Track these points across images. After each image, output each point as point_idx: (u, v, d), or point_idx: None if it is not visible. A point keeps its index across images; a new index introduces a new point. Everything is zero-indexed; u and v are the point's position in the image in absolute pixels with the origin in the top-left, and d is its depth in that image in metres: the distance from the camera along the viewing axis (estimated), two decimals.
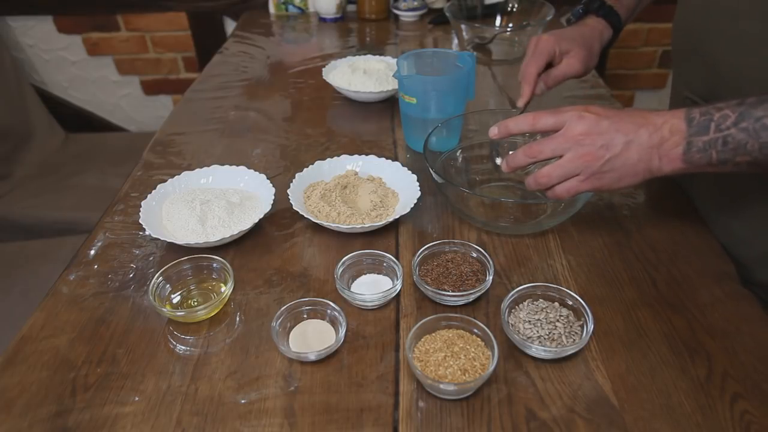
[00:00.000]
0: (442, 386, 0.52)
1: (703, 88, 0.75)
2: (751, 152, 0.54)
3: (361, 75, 1.07)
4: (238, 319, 0.63)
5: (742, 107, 0.54)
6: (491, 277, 0.64)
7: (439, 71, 0.90)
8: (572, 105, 0.62)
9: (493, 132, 0.66)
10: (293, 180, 0.79)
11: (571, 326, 0.58)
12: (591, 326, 0.58)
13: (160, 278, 0.65)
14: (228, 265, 0.65)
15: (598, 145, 0.59)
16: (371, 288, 0.66)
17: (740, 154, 0.55)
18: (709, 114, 0.56)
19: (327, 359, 0.58)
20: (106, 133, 2.03)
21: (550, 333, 0.57)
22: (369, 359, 0.58)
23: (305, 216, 0.73)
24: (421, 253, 0.67)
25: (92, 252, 0.73)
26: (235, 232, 0.70)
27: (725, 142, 0.55)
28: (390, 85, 1.06)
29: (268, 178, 0.80)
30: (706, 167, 0.57)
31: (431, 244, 0.68)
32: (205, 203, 0.74)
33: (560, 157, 0.61)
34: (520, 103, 0.81)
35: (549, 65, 0.82)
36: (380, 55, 1.19)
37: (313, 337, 0.60)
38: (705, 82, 0.74)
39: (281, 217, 0.78)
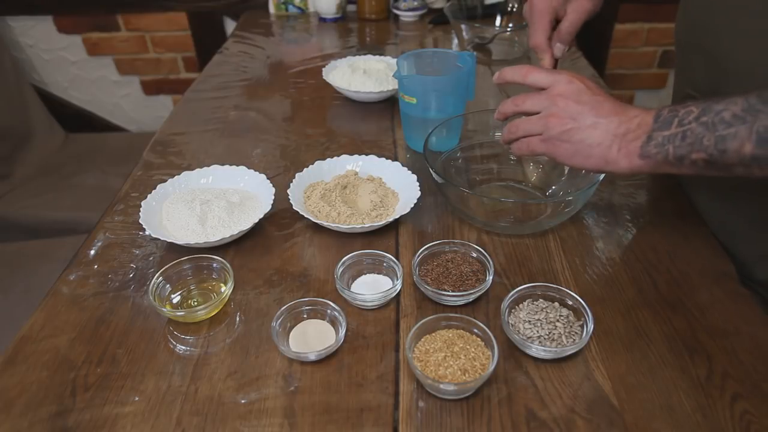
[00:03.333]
0: (442, 386, 0.52)
1: (706, 85, 0.75)
2: (707, 148, 0.53)
3: (361, 75, 1.07)
4: (238, 319, 0.63)
5: (707, 103, 0.54)
6: (491, 277, 0.64)
7: (439, 71, 0.90)
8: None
9: (495, 77, 0.68)
10: (293, 180, 0.79)
11: (571, 326, 0.59)
12: (591, 326, 0.58)
13: (160, 278, 0.65)
14: (228, 265, 0.65)
15: (569, 112, 0.60)
16: (371, 288, 0.66)
17: (696, 149, 0.54)
18: (675, 111, 0.56)
19: (327, 359, 0.58)
20: (106, 133, 2.03)
21: (550, 333, 0.57)
22: (369, 359, 0.58)
23: (305, 216, 0.73)
24: (421, 253, 0.67)
25: (92, 252, 0.73)
26: (235, 232, 0.70)
27: (684, 137, 0.54)
28: (390, 85, 1.06)
29: (268, 178, 0.80)
30: (663, 165, 0.56)
31: (431, 244, 0.68)
32: (205, 203, 0.74)
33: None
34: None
35: (556, 23, 0.79)
36: (380, 55, 1.19)
37: (313, 337, 0.60)
38: (708, 78, 0.74)
39: (281, 217, 0.78)
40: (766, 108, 0.50)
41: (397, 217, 0.73)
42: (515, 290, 0.62)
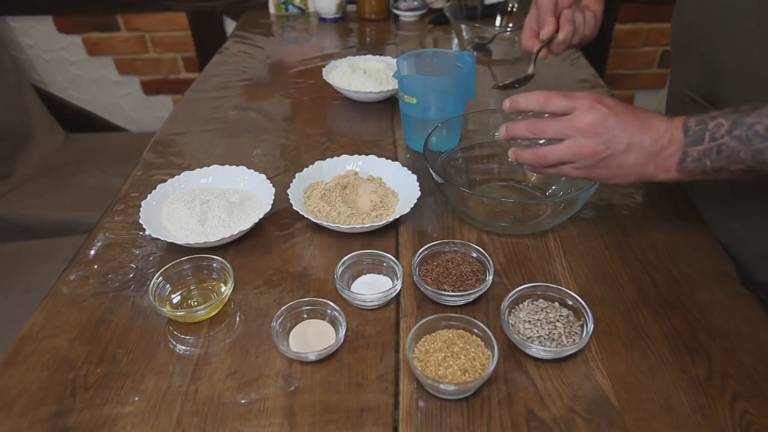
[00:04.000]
0: (442, 386, 0.52)
1: (702, 86, 0.75)
2: (744, 160, 0.55)
3: (361, 75, 1.07)
4: (238, 319, 0.63)
5: (735, 115, 0.55)
6: (491, 277, 0.64)
7: (439, 71, 0.90)
8: (584, 91, 0.62)
9: (506, 105, 0.65)
10: (293, 180, 0.79)
11: (571, 326, 0.58)
12: (591, 326, 0.58)
13: (160, 278, 0.65)
14: (228, 265, 0.65)
15: (601, 141, 0.59)
16: (371, 288, 0.66)
17: (734, 162, 0.55)
18: (703, 123, 0.56)
19: (327, 359, 0.58)
20: (106, 133, 2.03)
21: (550, 333, 0.57)
22: (369, 359, 0.58)
23: (305, 216, 0.73)
24: (421, 253, 0.67)
25: (92, 252, 0.73)
26: (235, 232, 0.70)
27: (719, 151, 0.55)
28: (390, 85, 1.06)
29: (268, 178, 0.80)
30: (700, 176, 0.58)
31: (431, 244, 0.68)
32: (205, 203, 0.74)
33: (559, 140, 0.61)
34: (543, 35, 0.79)
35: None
36: (380, 55, 1.19)
37: (313, 337, 0.60)
38: (704, 79, 0.74)
39: (281, 217, 0.78)
40: None
41: (397, 217, 0.73)
42: (515, 290, 0.62)
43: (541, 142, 0.65)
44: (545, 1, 0.78)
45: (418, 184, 0.78)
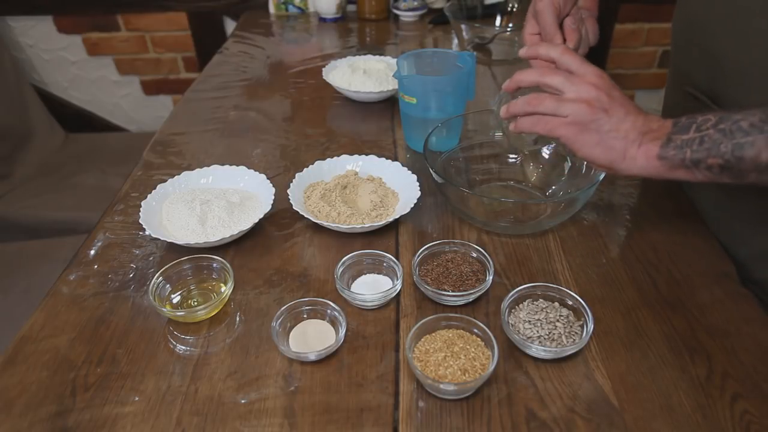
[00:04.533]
0: (442, 386, 0.52)
1: (705, 82, 0.75)
2: (723, 154, 0.55)
3: (361, 75, 1.07)
4: (238, 319, 0.63)
5: (724, 112, 0.56)
6: (491, 277, 0.64)
7: (439, 71, 0.90)
8: None
9: (505, 85, 0.66)
10: (293, 180, 0.79)
11: (571, 326, 0.58)
12: (591, 326, 0.58)
13: (160, 278, 0.65)
14: (228, 265, 0.65)
15: (602, 102, 0.60)
16: (371, 288, 0.66)
17: (713, 155, 0.56)
18: (693, 118, 0.58)
19: (327, 359, 0.58)
20: (106, 133, 2.03)
21: (550, 333, 0.57)
22: (369, 359, 0.58)
23: (305, 216, 0.73)
24: (421, 253, 0.67)
25: (92, 252, 0.73)
26: (235, 232, 0.70)
27: (701, 141, 0.56)
28: (390, 85, 1.06)
29: (268, 178, 0.80)
30: (678, 168, 0.58)
31: (431, 244, 0.68)
32: (205, 203, 0.74)
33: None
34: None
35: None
36: (380, 55, 1.19)
37: (313, 337, 0.60)
38: (706, 75, 0.74)
39: (281, 217, 0.78)
40: None
41: (397, 217, 0.73)
42: (515, 290, 0.62)
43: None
44: (547, 15, 0.75)
45: (418, 184, 0.78)
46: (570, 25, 0.76)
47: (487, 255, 0.66)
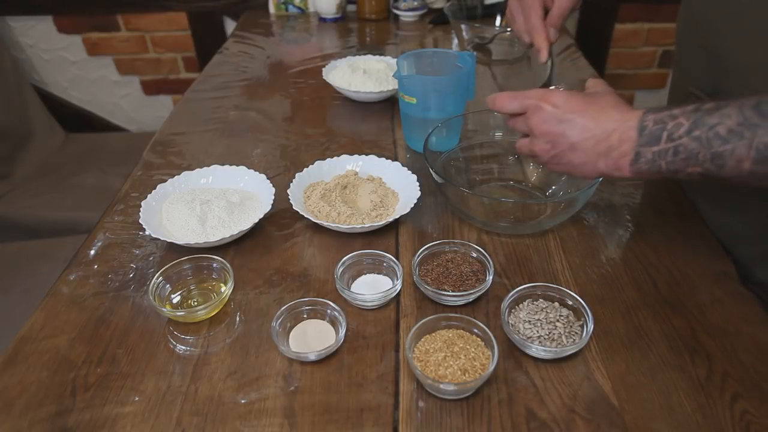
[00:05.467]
0: (442, 386, 0.52)
1: (708, 82, 0.74)
2: (702, 163, 0.52)
3: (361, 75, 1.07)
4: (238, 319, 0.63)
5: (697, 114, 0.52)
6: (491, 277, 0.64)
7: (439, 71, 0.90)
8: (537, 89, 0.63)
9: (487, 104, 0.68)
10: (293, 180, 0.79)
11: (571, 326, 0.58)
12: (591, 326, 0.58)
13: (160, 278, 0.65)
14: (228, 265, 0.65)
15: (547, 140, 0.61)
16: (371, 288, 0.66)
17: (691, 164, 0.52)
18: (662, 122, 0.53)
19: (327, 359, 0.58)
20: (106, 133, 2.03)
21: (550, 333, 0.57)
22: (369, 359, 0.58)
23: (305, 216, 0.73)
24: (421, 253, 0.67)
25: (92, 252, 0.73)
26: (235, 232, 0.70)
27: (676, 152, 0.53)
28: (390, 85, 1.06)
29: (268, 178, 0.80)
30: (656, 176, 0.56)
31: (431, 244, 0.68)
32: (205, 203, 0.74)
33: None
34: (543, 58, 0.80)
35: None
36: (380, 55, 1.19)
37: (313, 337, 0.60)
38: (710, 76, 0.74)
39: (281, 217, 0.78)
40: (764, 122, 0.48)
41: (397, 217, 0.73)
42: (515, 290, 0.62)
43: None
44: (537, 25, 0.79)
45: (418, 184, 0.78)
46: (554, 22, 0.80)
47: (487, 255, 0.66)
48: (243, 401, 0.54)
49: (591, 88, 0.64)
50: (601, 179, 0.69)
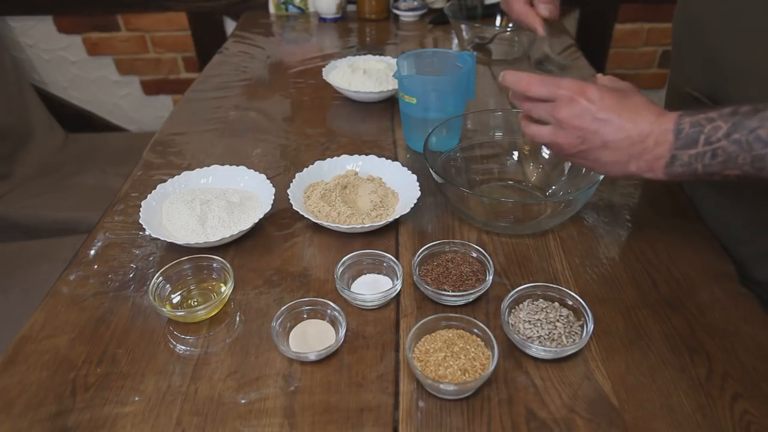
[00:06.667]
0: (442, 386, 0.52)
1: (705, 83, 0.74)
2: (741, 166, 0.51)
3: (361, 75, 1.07)
4: (238, 319, 0.63)
5: (736, 117, 0.51)
6: (491, 277, 0.64)
7: (439, 71, 0.90)
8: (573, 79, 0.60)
9: (500, 77, 0.65)
10: (293, 180, 0.79)
11: (571, 326, 0.58)
12: (591, 326, 0.58)
13: (160, 278, 0.65)
14: (228, 265, 0.65)
15: (577, 135, 0.58)
16: (371, 288, 0.66)
17: (729, 167, 0.52)
18: (699, 125, 0.53)
19: (327, 359, 0.58)
20: (106, 133, 2.03)
21: (550, 333, 0.57)
22: (369, 359, 0.58)
23: (305, 216, 0.73)
24: (421, 253, 0.67)
25: (92, 252, 0.73)
26: (235, 232, 0.70)
27: (714, 155, 0.52)
28: (390, 85, 1.06)
29: (268, 178, 0.80)
30: (690, 178, 0.55)
31: (431, 244, 0.68)
32: (205, 203, 0.74)
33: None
34: (541, 32, 0.80)
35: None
36: (380, 55, 1.19)
37: (313, 337, 0.60)
38: (707, 76, 0.74)
39: (281, 217, 0.78)
40: None
41: (397, 217, 0.73)
42: (515, 290, 0.62)
43: None
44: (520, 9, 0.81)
45: (418, 184, 0.78)
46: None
47: (487, 255, 0.66)
48: (243, 401, 0.54)
49: (609, 84, 0.61)
50: (601, 178, 0.69)
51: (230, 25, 1.85)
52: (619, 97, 0.57)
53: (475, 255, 0.68)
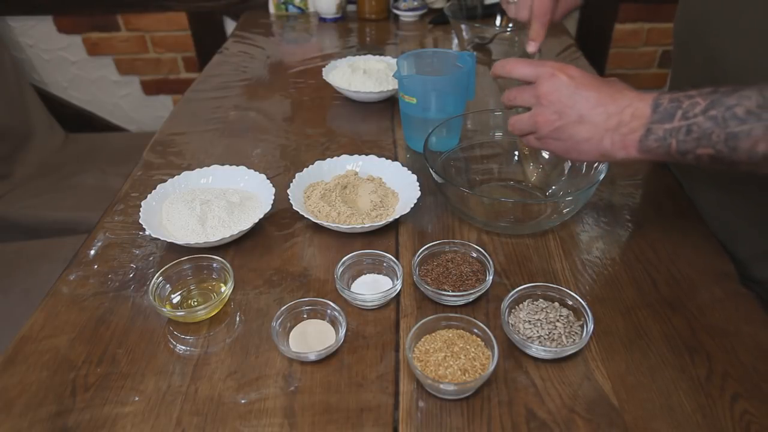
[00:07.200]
0: (442, 386, 0.52)
1: (706, 83, 0.74)
2: (715, 144, 0.50)
3: (361, 75, 1.07)
4: (238, 319, 0.63)
5: (715, 95, 0.51)
6: (491, 277, 0.64)
7: (439, 71, 0.90)
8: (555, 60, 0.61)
9: (491, 71, 0.66)
10: (293, 180, 0.79)
11: (571, 326, 0.58)
12: (591, 326, 0.58)
13: (160, 278, 0.65)
14: (228, 265, 0.65)
15: (554, 109, 0.58)
16: (371, 288, 0.66)
17: (703, 145, 0.51)
18: (678, 101, 0.52)
19: (327, 359, 0.58)
20: (106, 133, 2.03)
21: (550, 333, 0.57)
22: (369, 359, 0.58)
23: (305, 216, 0.73)
24: (421, 253, 0.67)
25: (92, 252, 0.73)
26: (235, 232, 0.70)
27: (689, 131, 0.51)
28: (390, 85, 1.06)
29: (268, 178, 0.80)
30: (662, 157, 0.54)
31: (431, 244, 0.68)
32: (205, 203, 0.74)
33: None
34: (532, 49, 0.77)
35: None
36: (380, 55, 1.19)
37: (313, 337, 0.60)
38: (708, 76, 0.74)
39: (281, 217, 0.78)
40: None
41: (397, 217, 0.73)
42: (515, 290, 0.62)
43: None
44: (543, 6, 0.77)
45: (418, 184, 0.78)
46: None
47: (487, 255, 0.66)
48: (243, 401, 0.54)
49: None
50: (601, 178, 0.69)
51: (230, 25, 1.85)
52: (600, 79, 0.59)
53: (475, 255, 0.68)
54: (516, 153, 0.85)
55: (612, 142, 0.56)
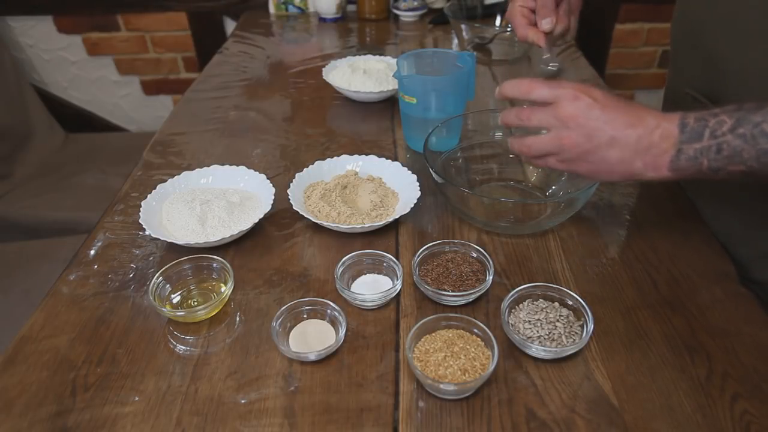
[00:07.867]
0: (442, 386, 0.52)
1: (704, 84, 0.74)
2: (746, 161, 0.51)
3: (361, 75, 1.07)
4: (238, 319, 0.63)
5: (740, 112, 0.51)
6: (491, 277, 0.64)
7: (439, 71, 0.90)
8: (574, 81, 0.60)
9: (496, 92, 0.65)
10: (293, 180, 0.79)
11: (571, 326, 0.58)
12: (591, 326, 0.58)
13: (160, 278, 0.65)
14: (228, 265, 0.65)
15: (582, 132, 0.57)
16: (371, 288, 0.66)
17: (734, 162, 0.52)
18: (704, 120, 0.53)
19: (327, 359, 0.58)
20: (106, 133, 2.03)
21: (550, 333, 0.57)
22: (369, 359, 0.58)
23: (305, 216, 0.73)
24: (421, 253, 0.67)
25: (92, 252, 0.73)
26: (235, 232, 0.70)
27: (719, 150, 0.52)
28: (390, 85, 1.06)
29: (268, 178, 0.80)
30: (694, 176, 0.55)
31: (431, 244, 0.68)
32: (205, 203, 0.74)
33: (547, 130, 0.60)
34: (542, 45, 0.76)
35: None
36: (380, 55, 1.19)
37: (313, 337, 0.60)
38: (706, 77, 0.74)
39: (281, 217, 0.78)
40: None
41: (397, 217, 0.73)
42: (515, 290, 0.62)
43: (544, 132, 0.63)
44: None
45: (418, 184, 0.78)
46: (562, 13, 0.76)
47: (487, 255, 0.66)
48: (243, 401, 0.54)
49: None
50: None
51: (230, 25, 1.85)
52: (622, 99, 0.58)
53: (475, 255, 0.68)
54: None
55: (644, 164, 0.56)
